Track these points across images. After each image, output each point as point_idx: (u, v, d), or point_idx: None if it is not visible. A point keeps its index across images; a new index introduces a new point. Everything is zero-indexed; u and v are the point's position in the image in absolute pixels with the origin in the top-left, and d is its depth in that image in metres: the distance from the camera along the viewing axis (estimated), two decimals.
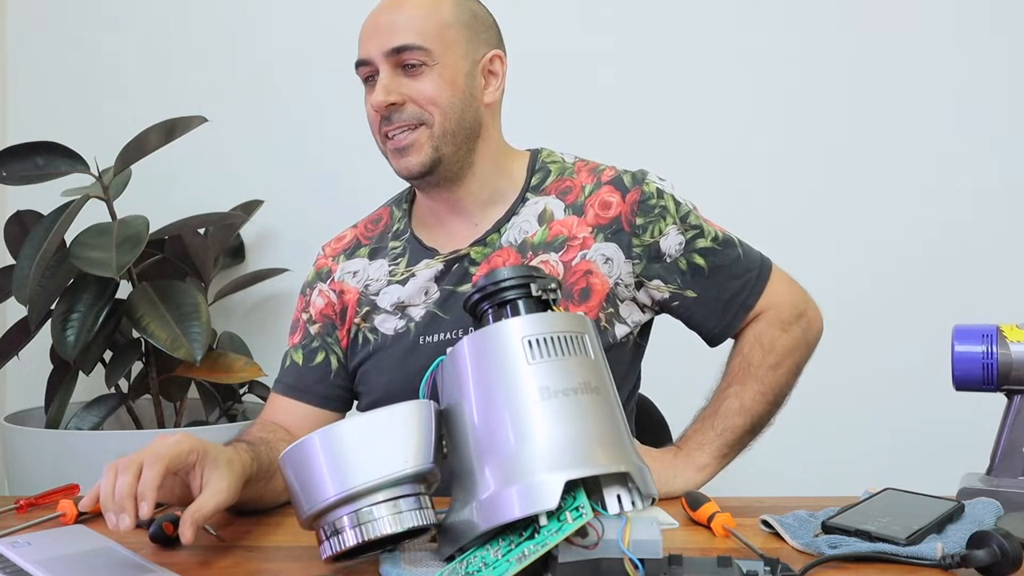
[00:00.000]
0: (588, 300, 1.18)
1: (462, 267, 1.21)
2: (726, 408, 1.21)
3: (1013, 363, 1.05)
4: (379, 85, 1.17)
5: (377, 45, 1.16)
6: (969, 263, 2.03)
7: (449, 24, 1.18)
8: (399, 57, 1.16)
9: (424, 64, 1.16)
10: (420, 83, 1.16)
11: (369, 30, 1.19)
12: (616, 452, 0.76)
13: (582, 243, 1.19)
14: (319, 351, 1.27)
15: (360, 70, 1.20)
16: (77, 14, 2.23)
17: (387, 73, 1.16)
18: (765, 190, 2.08)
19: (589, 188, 1.22)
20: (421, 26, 1.16)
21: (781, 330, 1.26)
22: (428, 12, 1.18)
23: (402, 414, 0.81)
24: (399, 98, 1.16)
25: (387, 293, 1.23)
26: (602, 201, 1.21)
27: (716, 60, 2.09)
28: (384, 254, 1.28)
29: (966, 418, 1.51)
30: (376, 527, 0.78)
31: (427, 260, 1.23)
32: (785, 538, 0.90)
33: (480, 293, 0.86)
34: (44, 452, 1.77)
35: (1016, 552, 0.77)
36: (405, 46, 1.15)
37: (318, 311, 1.29)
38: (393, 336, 1.22)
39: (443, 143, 1.17)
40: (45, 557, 0.82)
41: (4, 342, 1.86)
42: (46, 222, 1.73)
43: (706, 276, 1.23)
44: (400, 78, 1.17)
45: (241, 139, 2.18)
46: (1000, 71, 2.03)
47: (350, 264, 1.29)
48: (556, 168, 1.25)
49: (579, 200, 1.22)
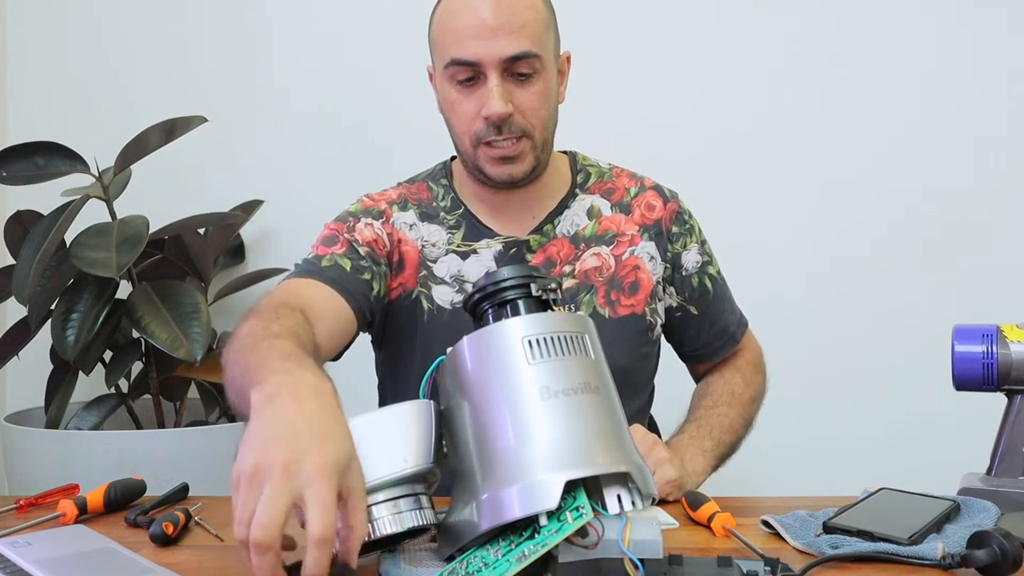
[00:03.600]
0: (636, 293, 1.24)
1: (520, 252, 1.23)
2: (719, 423, 1.25)
3: (1013, 363, 1.06)
4: (494, 95, 1.10)
5: (488, 49, 1.10)
6: (970, 263, 2.02)
7: (548, 25, 1.16)
8: (514, 64, 1.11)
9: (535, 72, 1.13)
10: (529, 93, 1.13)
11: (471, 29, 1.10)
12: (616, 452, 0.76)
13: (631, 239, 1.25)
14: (366, 270, 1.18)
15: (455, 69, 1.13)
16: (77, 14, 2.23)
17: (498, 80, 1.11)
18: (765, 189, 2.08)
19: (634, 191, 1.29)
20: (533, 29, 1.11)
21: (755, 371, 1.37)
22: (534, 12, 1.13)
23: (402, 414, 0.81)
24: (512, 108, 1.12)
25: (444, 262, 1.23)
26: (647, 204, 1.28)
27: (713, 58, 2.10)
28: (438, 221, 1.25)
29: (966, 418, 1.51)
30: (376, 527, 0.78)
31: (488, 240, 1.23)
32: (785, 538, 0.90)
33: (480, 293, 0.86)
34: (44, 452, 1.77)
35: (1016, 552, 0.77)
36: (523, 54, 1.10)
37: (365, 240, 1.21)
38: (450, 310, 1.21)
39: (542, 152, 1.19)
40: (45, 557, 0.82)
41: (4, 342, 1.86)
42: (46, 222, 1.73)
43: (710, 300, 1.31)
44: (510, 85, 1.12)
45: (241, 139, 2.18)
46: (1001, 70, 2.03)
47: (404, 216, 1.25)
48: (595, 171, 1.31)
49: (625, 200, 1.28)
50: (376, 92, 2.12)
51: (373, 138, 2.14)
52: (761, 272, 2.02)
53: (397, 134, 2.12)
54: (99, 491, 1.04)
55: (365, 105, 2.13)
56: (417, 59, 2.12)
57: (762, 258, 2.05)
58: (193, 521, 0.99)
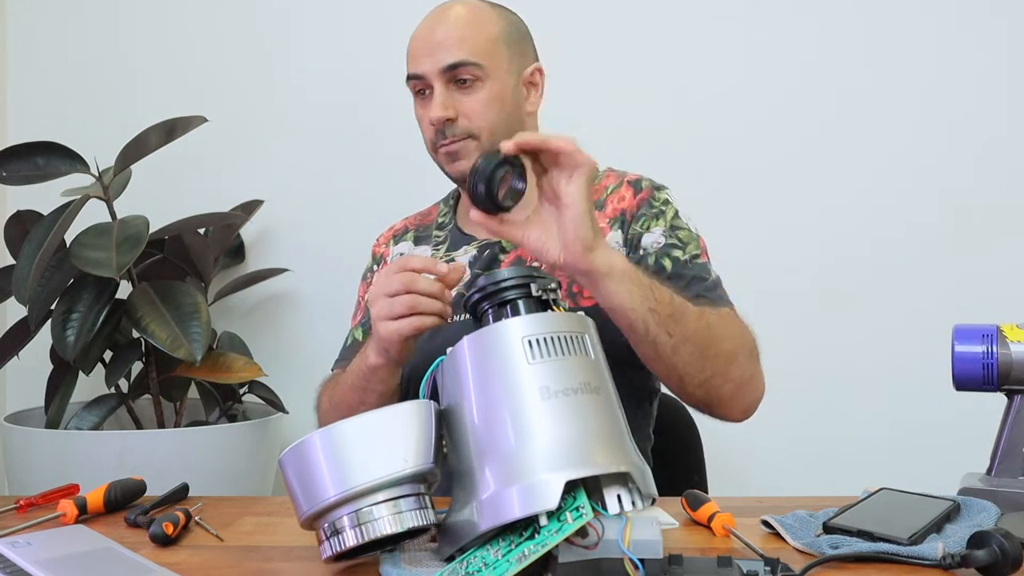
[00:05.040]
0: None
1: (492, 253, 1.28)
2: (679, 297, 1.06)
3: (1013, 363, 1.05)
4: (435, 102, 1.22)
5: (431, 62, 1.22)
6: (970, 262, 2.02)
7: (497, 39, 1.25)
8: (453, 72, 1.22)
9: (477, 79, 1.22)
10: (472, 98, 1.22)
11: (421, 47, 1.24)
12: (616, 452, 0.76)
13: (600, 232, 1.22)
14: None
15: (412, 83, 1.26)
16: (77, 14, 2.23)
17: (441, 89, 1.22)
18: (766, 191, 2.08)
19: (611, 187, 1.31)
20: (473, 42, 1.22)
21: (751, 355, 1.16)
22: (478, 28, 1.24)
23: (402, 414, 0.81)
24: (454, 113, 1.22)
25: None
26: (619, 196, 1.30)
27: (714, 62, 2.10)
28: (428, 241, 1.37)
29: (966, 418, 1.51)
30: (376, 527, 0.78)
31: (465, 246, 1.32)
32: (785, 538, 0.90)
33: (480, 293, 0.86)
34: (44, 452, 1.77)
35: (1016, 552, 0.77)
36: (460, 62, 1.21)
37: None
38: None
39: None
40: (45, 557, 0.82)
41: (4, 342, 1.86)
42: (46, 222, 1.73)
43: (664, 278, 1.17)
44: (454, 92, 1.23)
45: (241, 139, 2.18)
46: (1002, 74, 2.03)
47: (398, 247, 1.40)
48: None
49: (601, 198, 1.30)
50: (376, 92, 2.12)
51: (373, 137, 2.14)
52: (761, 273, 2.02)
53: (397, 134, 2.11)
54: (99, 491, 1.04)
55: (365, 105, 2.13)
56: None
57: (762, 259, 2.04)
58: (193, 521, 0.99)
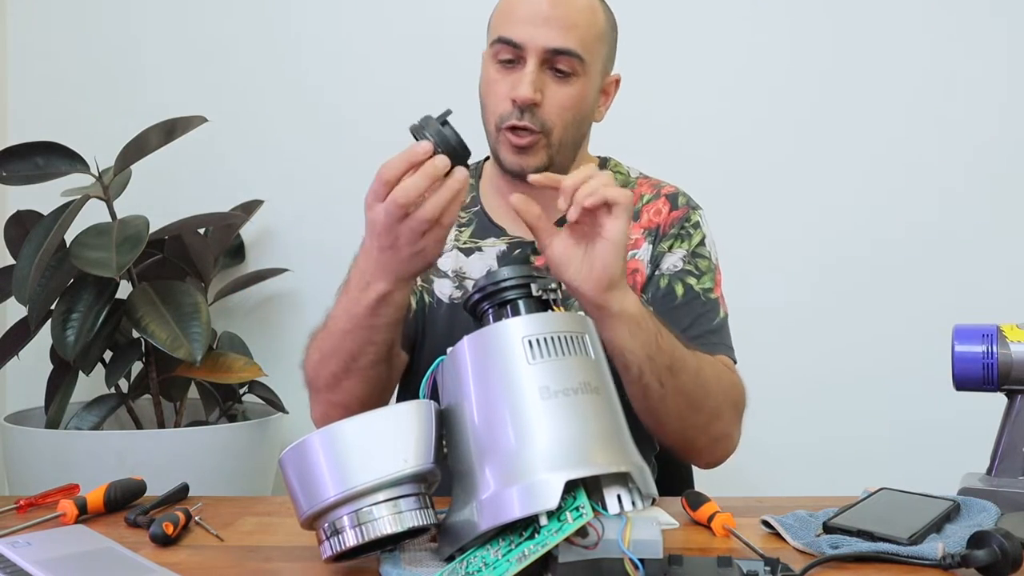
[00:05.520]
0: None
1: (523, 252, 1.23)
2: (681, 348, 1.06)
3: (1013, 363, 1.06)
4: (527, 80, 1.12)
5: (536, 35, 1.12)
6: (970, 262, 2.03)
7: (601, 35, 1.18)
8: (555, 59, 1.13)
9: (574, 73, 1.14)
10: (562, 91, 1.14)
11: (526, 14, 1.13)
12: (616, 452, 0.76)
13: (634, 243, 1.23)
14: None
15: (499, 47, 1.15)
16: (77, 15, 2.23)
17: (535, 67, 1.12)
18: (766, 193, 2.08)
19: (647, 198, 1.27)
20: (584, 32, 1.14)
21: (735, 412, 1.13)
22: (590, 18, 1.15)
23: (402, 414, 0.81)
24: (541, 98, 1.13)
25: (448, 257, 1.25)
26: (655, 210, 1.25)
27: (713, 63, 2.10)
28: None
29: (966, 418, 1.51)
30: (376, 527, 0.78)
31: (494, 238, 1.25)
32: (785, 538, 0.90)
33: (480, 293, 0.86)
34: (44, 452, 1.77)
35: (1016, 552, 0.77)
36: (566, 51, 1.13)
37: None
38: (448, 304, 1.23)
39: (557, 153, 1.17)
40: (45, 557, 0.82)
41: (4, 342, 1.86)
42: (46, 222, 1.73)
43: (672, 305, 1.20)
44: (545, 77, 1.14)
45: (241, 139, 2.18)
46: (999, 74, 2.03)
47: None
48: (620, 180, 1.29)
49: (637, 206, 1.25)
50: (377, 92, 2.12)
51: (373, 138, 2.14)
52: (762, 274, 2.02)
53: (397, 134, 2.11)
54: (99, 491, 1.04)
55: (366, 105, 2.13)
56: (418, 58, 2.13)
57: (763, 260, 2.05)
58: (193, 521, 0.99)
